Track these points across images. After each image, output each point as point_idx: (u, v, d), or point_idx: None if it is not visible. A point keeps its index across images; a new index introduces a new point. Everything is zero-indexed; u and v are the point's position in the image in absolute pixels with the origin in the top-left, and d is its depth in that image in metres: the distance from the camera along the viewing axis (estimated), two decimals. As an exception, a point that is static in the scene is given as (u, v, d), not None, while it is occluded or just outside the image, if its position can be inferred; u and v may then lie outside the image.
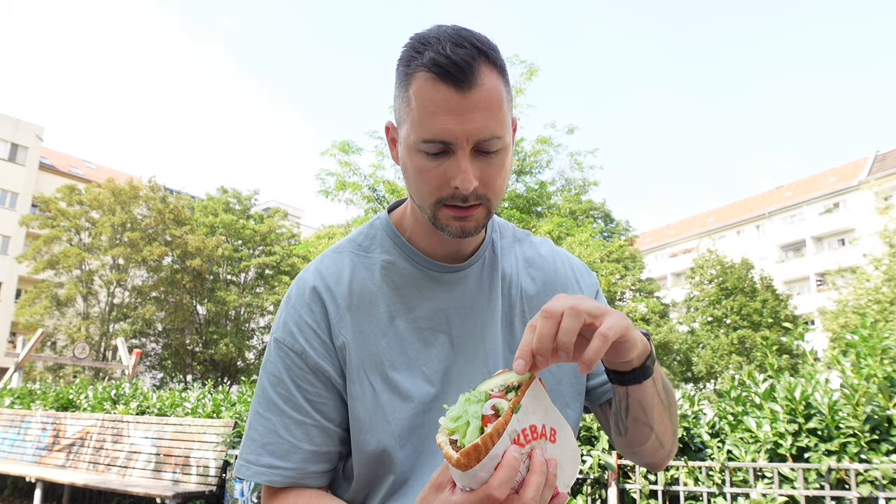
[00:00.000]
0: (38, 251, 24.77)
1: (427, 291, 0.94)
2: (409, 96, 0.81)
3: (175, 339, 26.18)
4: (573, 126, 14.00)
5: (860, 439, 2.84)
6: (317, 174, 13.41)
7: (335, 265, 0.95)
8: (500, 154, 0.82)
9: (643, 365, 0.79)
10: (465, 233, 0.86)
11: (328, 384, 0.89)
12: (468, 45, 0.78)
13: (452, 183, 0.80)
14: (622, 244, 21.70)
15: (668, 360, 25.85)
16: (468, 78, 0.77)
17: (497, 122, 0.80)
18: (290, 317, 0.92)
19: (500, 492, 0.60)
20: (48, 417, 7.13)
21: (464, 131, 0.78)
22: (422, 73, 0.79)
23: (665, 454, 0.95)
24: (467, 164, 0.80)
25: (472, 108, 0.78)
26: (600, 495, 3.52)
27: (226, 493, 5.00)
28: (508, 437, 0.62)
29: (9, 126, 34.30)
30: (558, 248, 1.08)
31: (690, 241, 48.48)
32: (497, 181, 0.83)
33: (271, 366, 0.91)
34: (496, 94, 0.80)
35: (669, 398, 0.90)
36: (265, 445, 0.87)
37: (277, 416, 0.88)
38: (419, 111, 0.80)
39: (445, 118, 0.78)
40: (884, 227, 21.91)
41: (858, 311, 21.01)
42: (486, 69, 0.79)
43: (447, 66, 0.77)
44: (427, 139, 0.79)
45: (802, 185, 43.99)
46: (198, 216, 28.46)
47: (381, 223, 1.00)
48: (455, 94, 0.77)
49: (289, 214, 32.12)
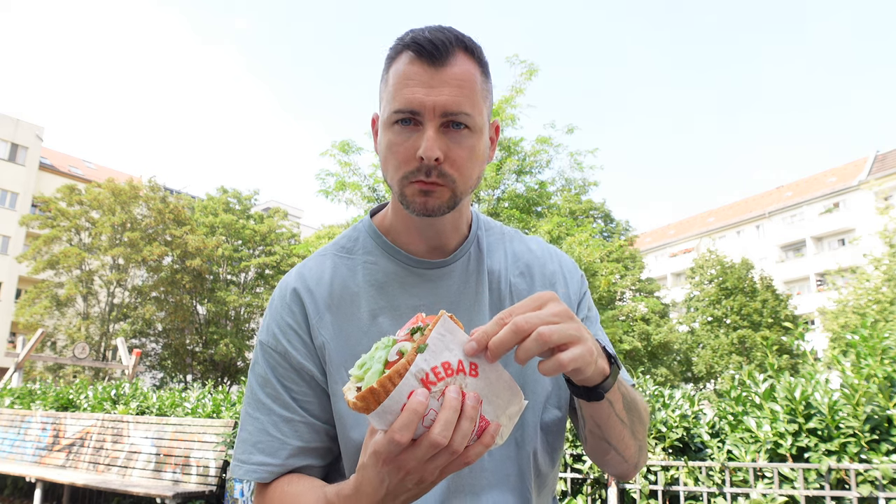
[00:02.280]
0: (38, 251, 24.76)
1: (411, 288, 0.94)
2: (387, 77, 0.86)
3: (175, 339, 26.18)
4: (573, 126, 14.00)
5: (860, 439, 2.84)
6: (317, 174, 13.43)
7: (317, 267, 0.96)
8: (469, 134, 0.84)
9: (595, 387, 0.77)
10: (427, 210, 0.85)
11: (312, 383, 0.90)
12: (447, 33, 0.84)
13: (418, 153, 0.82)
14: (622, 244, 21.72)
15: (668, 360, 25.84)
16: (442, 56, 0.82)
17: (467, 99, 0.82)
18: (272, 319, 0.94)
19: (400, 435, 0.60)
20: (48, 417, 7.13)
21: (432, 102, 0.81)
22: (402, 54, 0.84)
23: (630, 467, 0.95)
24: (432, 134, 0.81)
25: (443, 82, 0.81)
26: (600, 495, 3.52)
27: (226, 493, 5.00)
28: (414, 377, 0.61)
29: (9, 126, 34.30)
30: (549, 245, 1.08)
31: (690, 241, 48.48)
32: (464, 161, 0.84)
33: (258, 367, 0.93)
34: (469, 75, 0.83)
35: (633, 418, 0.89)
36: (255, 444, 0.89)
37: (266, 415, 0.89)
38: (393, 86, 0.84)
39: (416, 88, 0.81)
40: (884, 227, 21.90)
41: (858, 311, 21.00)
42: (462, 55, 0.84)
43: (424, 43, 0.81)
44: (397, 109, 0.83)
45: (802, 185, 43.99)
46: (198, 216, 28.47)
47: (364, 226, 1.01)
48: (428, 69, 0.82)
49: (289, 214, 32.13)
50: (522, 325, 0.65)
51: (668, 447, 3.40)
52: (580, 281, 1.05)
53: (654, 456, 3.41)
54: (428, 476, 0.66)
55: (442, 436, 0.61)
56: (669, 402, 3.63)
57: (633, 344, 21.62)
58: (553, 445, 0.96)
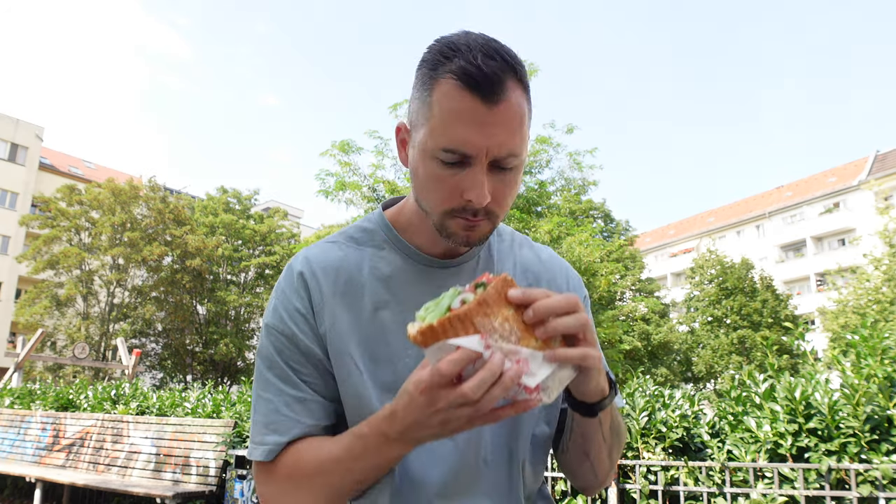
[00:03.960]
0: (38, 251, 24.77)
1: (418, 285, 0.94)
2: (431, 101, 0.80)
3: (175, 339, 26.19)
4: (573, 126, 14.00)
5: (860, 439, 2.84)
6: (317, 174, 13.41)
7: (324, 254, 0.96)
8: (514, 171, 0.83)
9: (592, 404, 0.84)
10: (470, 243, 0.87)
11: (319, 366, 0.91)
12: (499, 58, 0.77)
13: (466, 195, 0.80)
14: (622, 244, 21.71)
15: (668, 360, 25.85)
16: (496, 91, 0.76)
17: (518, 140, 0.80)
18: (279, 302, 0.93)
19: (446, 366, 0.65)
20: (48, 417, 7.13)
21: (485, 145, 0.77)
22: (448, 80, 0.77)
23: (597, 483, 1.01)
24: (483, 179, 0.79)
25: (497, 122, 0.77)
26: (600, 495, 3.52)
27: (226, 493, 5.00)
28: (472, 325, 0.66)
29: (9, 126, 34.30)
30: (557, 257, 1.09)
31: (690, 241, 48.50)
32: (507, 199, 0.84)
33: (265, 350, 0.93)
34: (520, 111, 0.79)
35: (614, 441, 0.95)
36: (268, 425, 0.89)
37: (277, 396, 0.89)
38: (441, 118, 0.78)
39: (468, 129, 0.77)
40: (884, 227, 21.91)
41: (858, 311, 21.01)
42: (514, 85, 0.78)
43: (477, 75, 0.75)
44: (446, 148, 0.78)
45: (802, 185, 44.01)
46: (198, 216, 28.48)
47: (376, 218, 1.00)
48: (481, 106, 0.76)
49: (289, 214, 32.14)
50: (574, 301, 0.71)
51: (668, 447, 3.40)
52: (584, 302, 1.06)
53: (654, 456, 3.41)
54: (453, 421, 0.70)
55: (472, 391, 0.66)
56: (669, 402, 3.63)
57: (633, 344, 21.62)
58: (539, 459, 0.99)
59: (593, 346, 0.74)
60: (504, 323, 0.70)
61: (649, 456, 3.43)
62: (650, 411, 3.55)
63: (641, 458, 3.45)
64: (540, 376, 0.69)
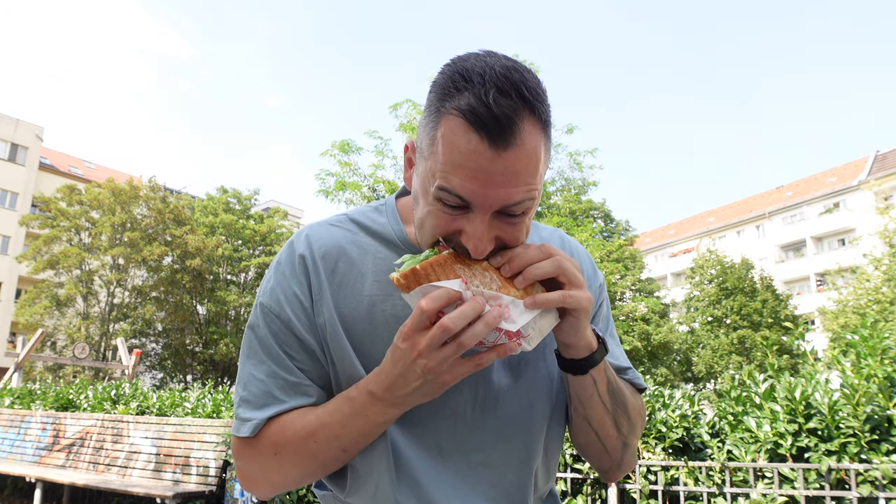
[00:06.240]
0: (38, 251, 24.77)
1: None
2: (436, 136, 0.73)
3: (175, 339, 26.20)
4: (573, 125, 14.05)
5: (860, 439, 2.84)
6: (317, 174, 13.43)
7: (329, 238, 0.92)
8: (525, 215, 0.76)
9: (580, 360, 0.82)
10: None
11: (312, 355, 0.89)
12: (514, 95, 0.69)
13: (464, 242, 0.75)
14: (622, 244, 21.74)
15: (668, 360, 25.85)
16: (506, 136, 0.69)
17: (529, 185, 0.73)
18: (277, 283, 0.91)
19: (426, 303, 0.68)
20: (48, 417, 7.13)
21: (487, 196, 0.71)
22: (455, 117, 0.71)
23: (613, 463, 0.96)
24: (484, 231, 0.73)
25: (505, 170, 0.70)
26: (600, 495, 3.52)
27: (226, 493, 5.00)
28: (454, 271, 0.70)
29: (9, 126, 34.31)
30: (569, 239, 1.05)
31: (690, 241, 48.50)
32: (519, 239, 0.78)
33: (259, 330, 0.90)
34: (534, 155, 0.72)
35: (617, 407, 0.90)
36: (260, 406, 0.87)
37: (270, 378, 0.88)
38: (444, 157, 0.72)
39: (472, 176, 0.70)
40: (884, 227, 21.91)
41: (858, 311, 21.01)
42: (529, 125, 0.71)
43: (485, 117, 0.68)
44: (446, 188, 0.72)
45: (802, 185, 44.01)
46: (198, 216, 28.49)
47: (387, 208, 0.98)
48: (487, 150, 0.69)
49: (289, 214, 32.16)
50: (548, 249, 0.74)
51: (668, 447, 3.40)
52: (597, 281, 1.02)
53: (654, 456, 3.42)
54: (436, 366, 0.71)
55: (452, 321, 0.66)
56: (669, 402, 3.63)
57: (633, 344, 21.63)
58: (552, 461, 0.97)
59: (578, 289, 0.73)
60: (484, 272, 0.71)
61: (649, 456, 3.43)
62: (650, 411, 3.56)
63: (641, 458, 3.45)
64: (520, 322, 0.70)
